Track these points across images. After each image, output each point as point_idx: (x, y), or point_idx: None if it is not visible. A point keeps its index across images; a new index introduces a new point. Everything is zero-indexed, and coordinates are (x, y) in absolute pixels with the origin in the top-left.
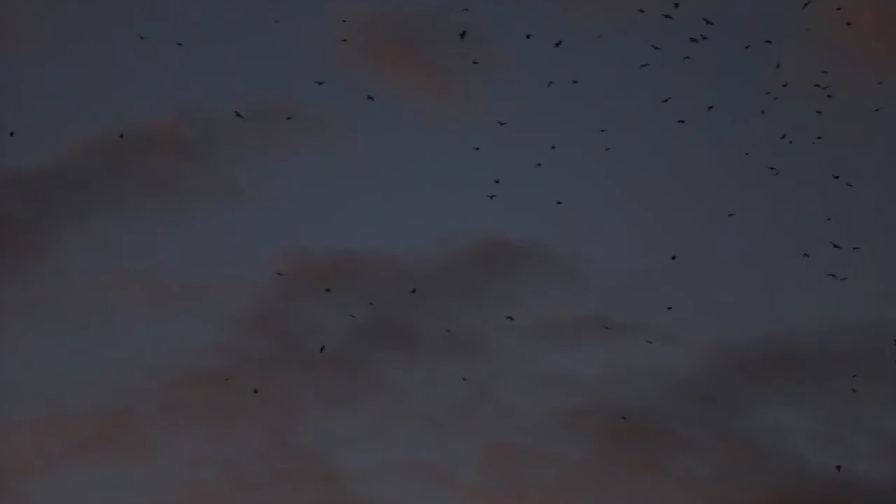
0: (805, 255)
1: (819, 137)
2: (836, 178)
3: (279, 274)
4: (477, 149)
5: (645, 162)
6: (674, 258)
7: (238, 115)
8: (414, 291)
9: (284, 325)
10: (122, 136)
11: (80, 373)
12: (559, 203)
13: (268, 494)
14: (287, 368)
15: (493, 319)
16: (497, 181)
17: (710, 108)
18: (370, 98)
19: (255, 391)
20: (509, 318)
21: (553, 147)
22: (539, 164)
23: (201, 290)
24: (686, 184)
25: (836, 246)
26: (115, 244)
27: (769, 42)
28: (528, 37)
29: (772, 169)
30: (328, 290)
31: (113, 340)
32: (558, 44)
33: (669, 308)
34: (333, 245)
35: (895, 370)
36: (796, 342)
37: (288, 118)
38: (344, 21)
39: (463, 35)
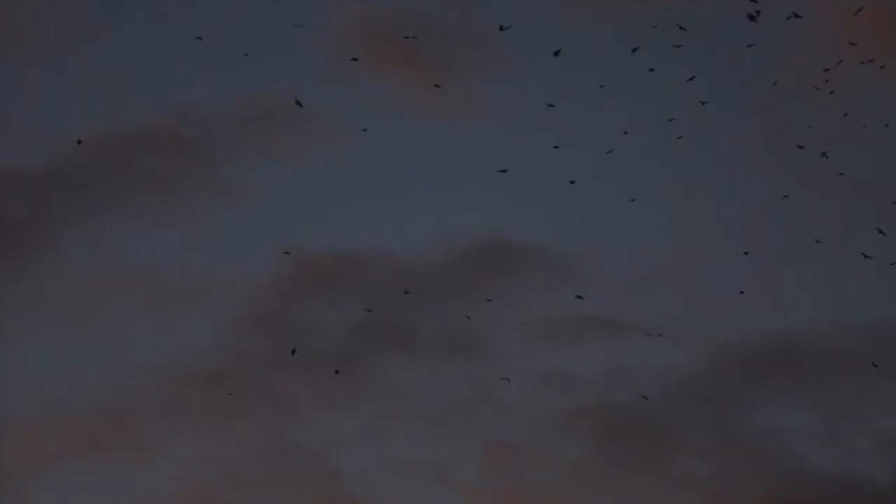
0: (817, 240)
1: (888, 124)
2: (825, 155)
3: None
4: (561, 147)
5: (645, 162)
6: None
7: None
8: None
9: (284, 325)
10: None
11: (79, 373)
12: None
13: (267, 494)
14: (286, 368)
15: (492, 319)
16: (504, 170)
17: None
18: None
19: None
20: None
21: (556, 147)
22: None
23: (201, 290)
24: (686, 184)
25: (881, 232)
26: (115, 244)
27: (798, 16)
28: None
29: (799, 147)
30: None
31: (113, 340)
32: (557, 52)
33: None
34: (333, 245)
35: (895, 370)
36: (796, 342)
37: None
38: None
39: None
